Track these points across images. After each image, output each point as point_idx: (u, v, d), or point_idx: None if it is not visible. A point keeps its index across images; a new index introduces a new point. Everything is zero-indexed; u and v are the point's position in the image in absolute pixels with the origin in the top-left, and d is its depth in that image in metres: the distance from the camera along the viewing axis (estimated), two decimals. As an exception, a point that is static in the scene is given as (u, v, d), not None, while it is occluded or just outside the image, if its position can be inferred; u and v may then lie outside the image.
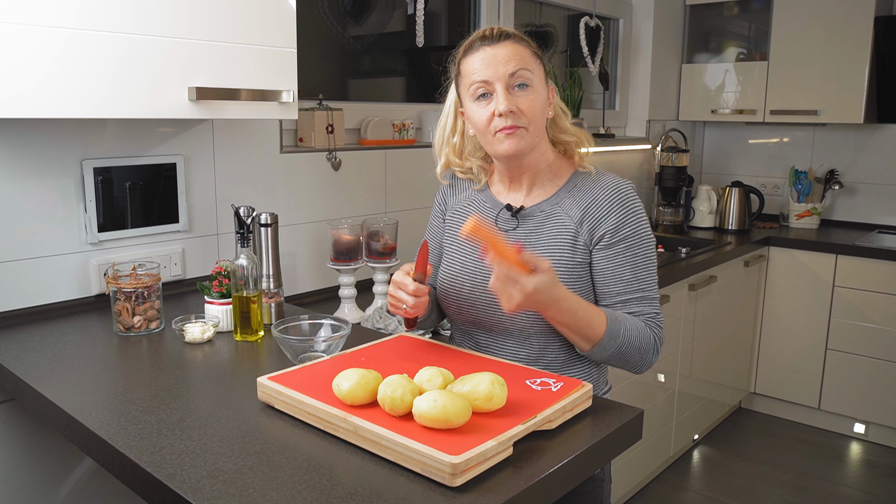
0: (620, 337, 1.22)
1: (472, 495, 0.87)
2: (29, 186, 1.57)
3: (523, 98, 1.23)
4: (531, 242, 1.30)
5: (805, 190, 3.64)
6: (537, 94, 1.25)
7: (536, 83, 1.25)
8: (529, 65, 1.25)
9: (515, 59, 1.23)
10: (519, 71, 1.23)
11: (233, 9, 1.47)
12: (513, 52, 1.24)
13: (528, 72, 1.24)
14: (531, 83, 1.24)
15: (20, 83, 1.21)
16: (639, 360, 1.26)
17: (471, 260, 1.35)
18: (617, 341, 1.22)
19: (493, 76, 1.23)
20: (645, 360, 1.27)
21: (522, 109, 1.23)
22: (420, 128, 2.50)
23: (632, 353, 1.24)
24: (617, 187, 1.28)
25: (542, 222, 1.31)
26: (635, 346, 1.24)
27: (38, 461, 1.61)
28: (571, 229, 1.27)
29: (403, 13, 2.45)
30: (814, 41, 3.34)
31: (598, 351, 1.23)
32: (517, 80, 1.23)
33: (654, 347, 1.27)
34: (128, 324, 1.52)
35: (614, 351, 1.23)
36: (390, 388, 1.01)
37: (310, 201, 2.11)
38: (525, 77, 1.23)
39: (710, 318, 3.09)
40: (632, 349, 1.23)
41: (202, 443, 1.02)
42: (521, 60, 1.24)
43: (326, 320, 1.40)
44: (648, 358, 1.27)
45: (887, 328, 3.14)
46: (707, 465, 3.11)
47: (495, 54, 1.24)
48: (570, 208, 1.29)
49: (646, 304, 1.28)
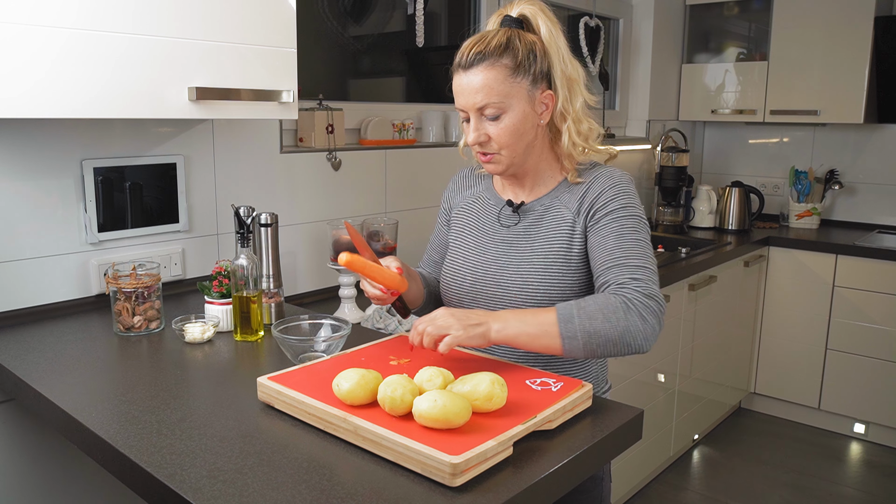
0: (575, 316, 1.13)
1: (472, 495, 0.87)
2: (29, 186, 1.57)
3: (493, 128, 1.23)
4: (531, 236, 1.30)
5: (805, 190, 3.64)
6: (510, 121, 1.22)
7: (512, 108, 1.22)
8: (503, 90, 1.21)
9: (484, 90, 1.21)
10: (486, 106, 1.22)
11: (233, 9, 1.47)
12: (483, 81, 1.21)
13: (497, 102, 1.21)
14: (504, 110, 1.22)
15: (20, 83, 1.21)
16: (616, 330, 1.12)
17: (473, 255, 1.35)
18: (574, 322, 1.13)
19: (465, 105, 1.24)
20: (624, 326, 1.13)
21: (492, 137, 1.24)
22: (420, 128, 2.50)
23: (601, 327, 1.12)
24: (611, 175, 1.28)
25: (541, 216, 1.31)
26: (599, 318, 1.13)
27: (38, 461, 1.61)
28: (569, 220, 1.28)
29: (403, 13, 2.44)
30: (814, 41, 3.34)
31: (569, 343, 1.13)
32: (487, 114, 1.22)
33: (628, 308, 1.14)
34: (128, 324, 1.52)
35: (583, 334, 1.13)
36: (390, 388, 1.01)
37: (310, 201, 2.11)
38: (495, 108, 1.22)
39: (710, 318, 3.09)
40: (596, 322, 1.12)
41: (202, 443, 1.02)
42: (489, 92, 1.21)
43: (326, 320, 1.40)
44: (630, 322, 1.13)
45: (887, 328, 3.14)
46: (707, 465, 3.11)
47: (468, 83, 1.22)
48: (568, 201, 1.29)
49: (625, 269, 1.18)
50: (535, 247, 1.29)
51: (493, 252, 1.33)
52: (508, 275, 1.30)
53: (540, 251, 1.28)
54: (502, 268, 1.31)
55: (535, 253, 1.29)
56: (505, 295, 1.30)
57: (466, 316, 1.15)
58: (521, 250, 1.30)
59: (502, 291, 1.30)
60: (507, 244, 1.32)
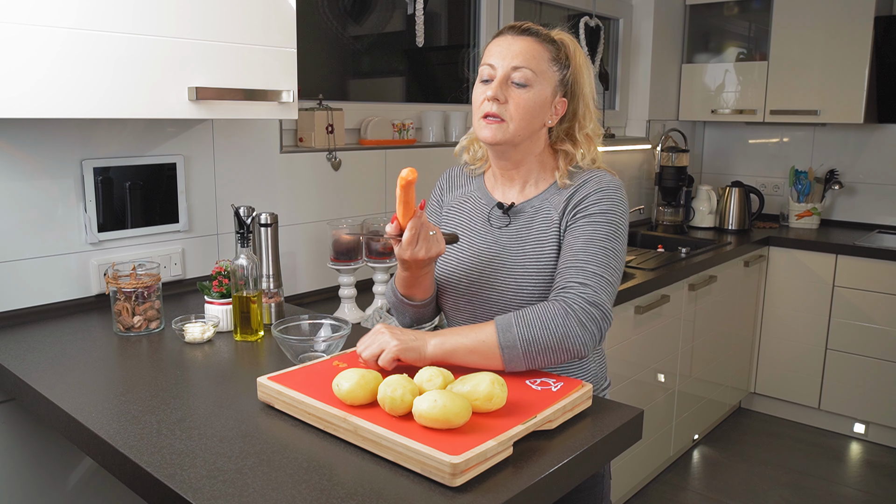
0: (514, 325, 1.14)
1: (472, 495, 0.87)
2: (29, 186, 1.57)
3: (515, 94, 1.24)
4: (520, 238, 1.31)
5: (805, 190, 3.64)
6: (533, 96, 1.24)
7: (539, 85, 1.24)
8: (539, 66, 1.24)
9: (526, 56, 1.23)
10: (522, 68, 1.23)
11: (233, 9, 1.47)
12: (527, 48, 1.24)
13: (531, 73, 1.23)
14: (531, 84, 1.24)
15: (20, 83, 1.21)
16: (554, 337, 1.13)
17: (467, 256, 1.35)
18: (513, 331, 1.13)
19: (498, 63, 1.25)
20: (562, 332, 1.13)
21: (510, 100, 1.24)
22: (420, 128, 2.50)
23: (539, 334, 1.13)
24: (600, 179, 1.29)
25: (531, 218, 1.31)
26: (537, 325, 1.13)
27: (38, 461, 1.61)
28: (556, 222, 1.28)
29: (403, 13, 2.45)
30: (814, 41, 3.34)
31: (509, 353, 1.13)
32: (517, 77, 1.23)
33: (567, 315, 1.13)
34: (128, 324, 1.52)
35: (522, 342, 1.13)
36: (390, 388, 1.01)
37: (310, 201, 2.11)
38: (525, 77, 1.23)
39: (710, 318, 3.09)
40: (534, 330, 1.13)
41: (202, 443, 1.02)
42: (530, 60, 1.23)
43: (326, 320, 1.40)
44: (568, 329, 1.13)
45: (887, 328, 3.14)
46: (707, 465, 3.11)
47: (510, 45, 1.25)
48: (557, 203, 1.30)
49: (579, 273, 1.17)
50: (525, 249, 1.29)
51: (487, 254, 1.33)
52: (503, 277, 1.30)
53: (531, 253, 1.28)
54: (496, 270, 1.31)
55: (526, 255, 1.29)
56: (500, 298, 1.30)
57: (403, 332, 1.17)
58: (512, 252, 1.30)
59: (497, 294, 1.30)
60: (500, 246, 1.32)
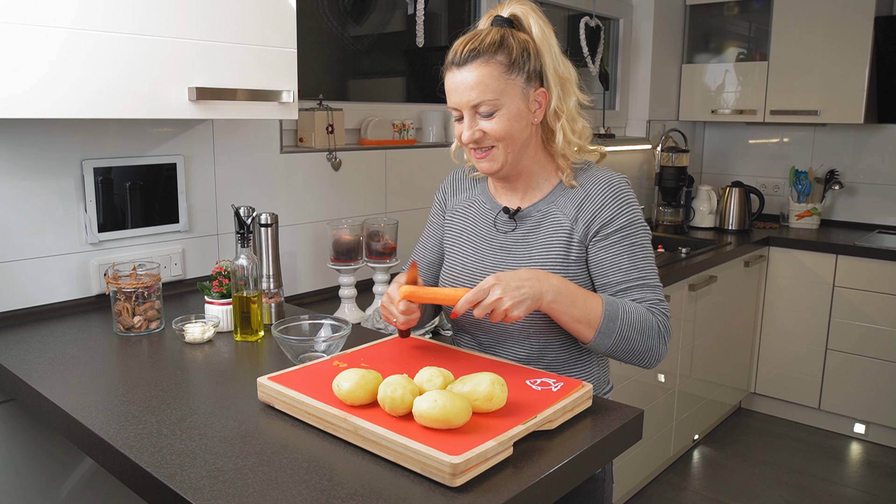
0: (619, 318, 1.19)
1: (472, 495, 0.87)
2: (29, 186, 1.57)
3: (488, 126, 1.22)
4: (529, 243, 1.30)
5: (805, 190, 3.64)
6: (506, 117, 1.21)
7: (507, 104, 1.21)
8: (498, 87, 1.20)
9: (479, 87, 1.20)
10: (481, 103, 1.20)
11: (233, 9, 1.47)
12: (478, 78, 1.20)
13: (492, 99, 1.20)
14: (499, 107, 1.21)
15: (20, 83, 1.21)
16: (643, 345, 1.21)
17: (472, 260, 1.35)
18: (616, 323, 1.19)
19: (458, 103, 1.23)
20: (650, 346, 1.21)
21: (487, 133, 1.22)
22: (420, 128, 2.50)
23: (634, 337, 1.20)
24: (609, 181, 1.28)
25: (538, 222, 1.30)
26: (637, 329, 1.20)
27: (38, 461, 1.61)
28: (567, 226, 1.27)
29: (403, 13, 2.45)
30: (814, 41, 3.34)
31: (600, 339, 1.20)
32: (482, 111, 1.21)
33: (659, 333, 1.22)
34: (128, 324, 1.52)
35: (616, 336, 1.19)
36: (390, 388, 1.01)
37: (310, 201, 2.11)
38: (489, 106, 1.20)
39: (710, 318, 3.09)
40: (633, 332, 1.19)
41: (202, 443, 1.02)
42: (483, 89, 1.20)
43: (326, 320, 1.40)
44: (654, 344, 1.22)
45: (887, 328, 3.14)
46: (707, 465, 3.11)
47: (462, 80, 1.21)
48: (564, 206, 1.29)
49: (647, 290, 1.24)
50: (532, 254, 1.28)
51: (492, 259, 1.32)
52: None
53: (538, 258, 1.27)
54: None
55: (533, 260, 1.28)
56: None
57: (516, 287, 1.15)
58: (519, 258, 1.29)
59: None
60: (506, 251, 1.31)
